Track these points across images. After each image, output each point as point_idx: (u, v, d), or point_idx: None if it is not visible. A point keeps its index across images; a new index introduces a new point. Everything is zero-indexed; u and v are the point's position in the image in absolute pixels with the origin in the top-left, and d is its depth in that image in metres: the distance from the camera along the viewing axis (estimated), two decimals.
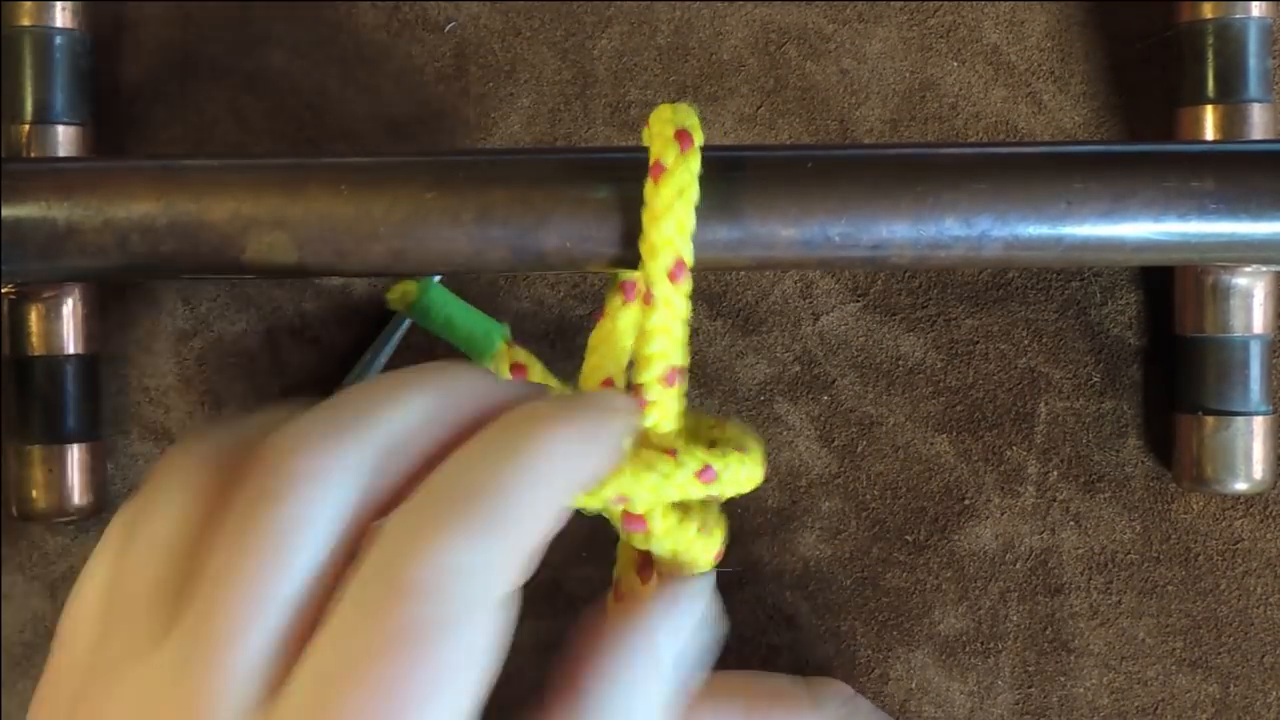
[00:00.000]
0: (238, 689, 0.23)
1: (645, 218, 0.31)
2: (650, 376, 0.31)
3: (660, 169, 0.31)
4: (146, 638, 0.24)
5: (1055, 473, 0.42)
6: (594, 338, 0.34)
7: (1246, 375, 0.40)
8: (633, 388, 0.31)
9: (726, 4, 0.43)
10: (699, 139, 0.32)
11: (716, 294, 0.42)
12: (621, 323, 0.34)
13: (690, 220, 0.31)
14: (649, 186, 0.31)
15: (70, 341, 0.40)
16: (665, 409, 0.31)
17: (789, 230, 0.34)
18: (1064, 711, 0.42)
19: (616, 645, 0.28)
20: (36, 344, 0.40)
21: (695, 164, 0.32)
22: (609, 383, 0.33)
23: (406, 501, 0.25)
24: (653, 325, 0.31)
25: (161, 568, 0.25)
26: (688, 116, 0.32)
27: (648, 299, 0.31)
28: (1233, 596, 0.42)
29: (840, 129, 0.42)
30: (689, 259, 0.31)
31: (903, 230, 0.34)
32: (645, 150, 0.32)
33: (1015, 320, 0.42)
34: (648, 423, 0.31)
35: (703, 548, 0.31)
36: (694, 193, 0.31)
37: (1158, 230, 0.35)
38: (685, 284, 0.31)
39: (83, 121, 0.41)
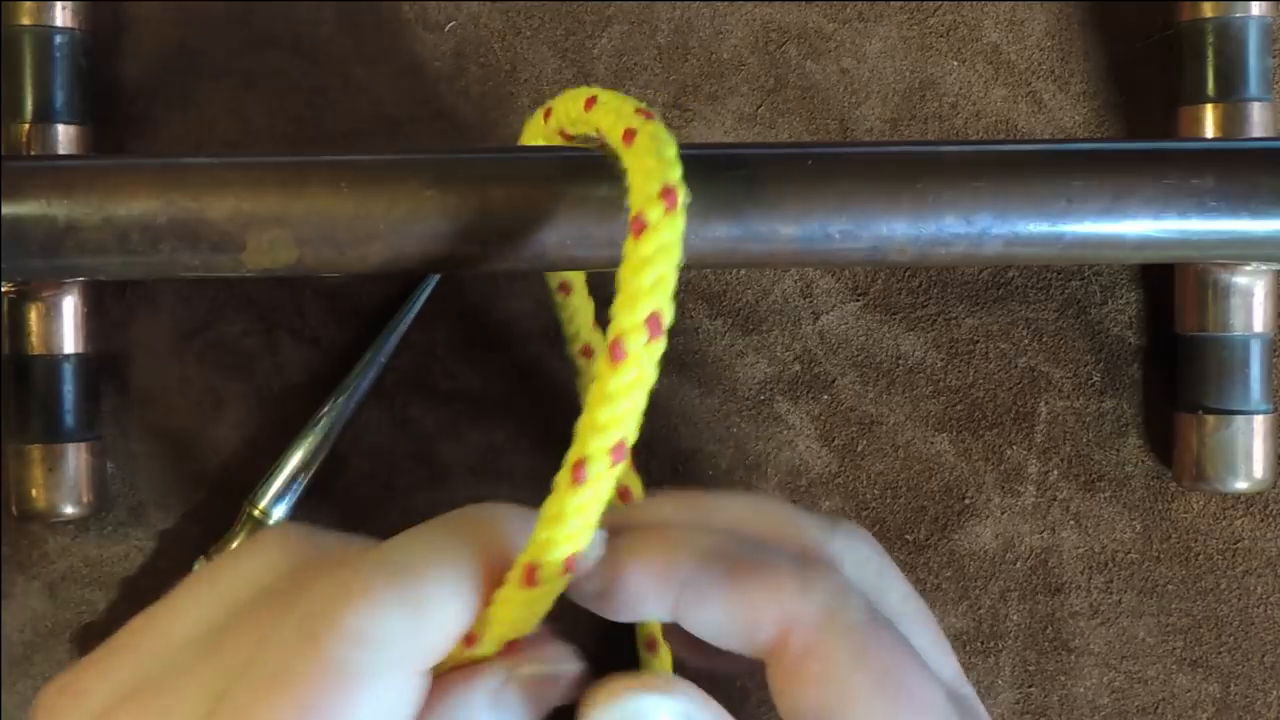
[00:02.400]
0: None
1: (624, 271, 0.27)
2: (599, 446, 0.26)
3: (641, 225, 0.28)
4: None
5: (1055, 472, 0.42)
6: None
7: (1247, 374, 0.40)
8: (575, 463, 0.27)
9: (726, 4, 0.43)
10: (683, 194, 0.28)
11: (716, 293, 0.42)
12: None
13: (672, 278, 0.27)
14: (629, 242, 0.28)
15: (70, 341, 0.40)
16: (600, 489, 0.27)
17: (789, 228, 0.34)
18: (1064, 711, 0.42)
19: None
20: (36, 343, 0.40)
21: (680, 222, 0.28)
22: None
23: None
24: (614, 388, 0.27)
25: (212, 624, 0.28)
26: (672, 169, 0.28)
27: (615, 354, 0.27)
28: (1233, 596, 0.42)
29: (840, 128, 0.42)
30: (666, 315, 0.27)
31: (903, 228, 0.34)
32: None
33: (1015, 319, 0.42)
34: (580, 500, 0.27)
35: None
36: (678, 252, 0.28)
37: (1158, 228, 0.35)
38: (658, 345, 0.27)
39: (83, 121, 0.41)
